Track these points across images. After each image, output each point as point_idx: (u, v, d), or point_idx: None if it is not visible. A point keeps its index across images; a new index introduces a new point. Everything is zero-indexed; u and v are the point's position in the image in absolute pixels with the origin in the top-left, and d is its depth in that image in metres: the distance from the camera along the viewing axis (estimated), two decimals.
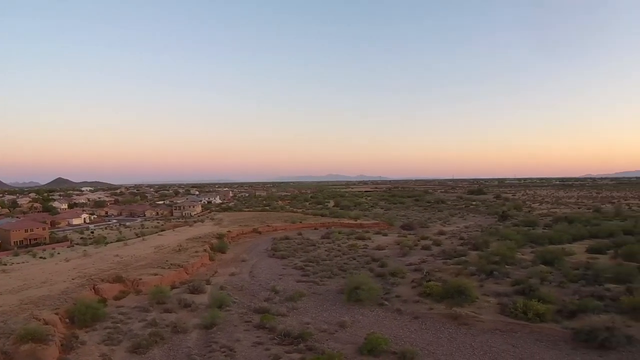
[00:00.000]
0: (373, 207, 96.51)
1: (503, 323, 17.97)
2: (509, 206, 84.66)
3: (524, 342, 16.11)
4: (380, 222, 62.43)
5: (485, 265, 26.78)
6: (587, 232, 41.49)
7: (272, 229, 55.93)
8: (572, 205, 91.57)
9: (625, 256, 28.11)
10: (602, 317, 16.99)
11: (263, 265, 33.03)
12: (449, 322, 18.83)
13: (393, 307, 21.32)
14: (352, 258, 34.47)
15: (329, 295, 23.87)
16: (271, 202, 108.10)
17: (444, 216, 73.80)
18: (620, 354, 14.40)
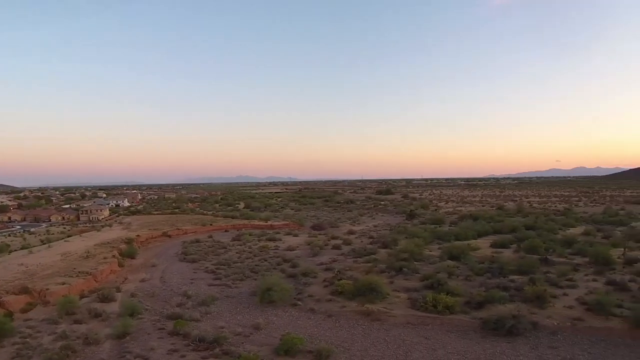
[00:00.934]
0: (283, 208, 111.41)
1: (414, 317, 21.96)
2: (417, 205, 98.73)
3: (435, 333, 20.02)
4: (290, 222, 72.87)
5: (395, 262, 31.87)
6: (491, 228, 50.63)
7: (182, 232, 63.76)
8: (476, 203, 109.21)
9: (527, 249, 36.17)
10: (508, 307, 22.14)
11: (174, 270, 37.07)
12: (362, 318, 22.34)
13: (306, 306, 24.60)
14: (264, 259, 39.70)
15: (242, 298, 27.18)
16: (181, 205, 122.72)
17: (354, 216, 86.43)
18: (527, 339, 18.99)
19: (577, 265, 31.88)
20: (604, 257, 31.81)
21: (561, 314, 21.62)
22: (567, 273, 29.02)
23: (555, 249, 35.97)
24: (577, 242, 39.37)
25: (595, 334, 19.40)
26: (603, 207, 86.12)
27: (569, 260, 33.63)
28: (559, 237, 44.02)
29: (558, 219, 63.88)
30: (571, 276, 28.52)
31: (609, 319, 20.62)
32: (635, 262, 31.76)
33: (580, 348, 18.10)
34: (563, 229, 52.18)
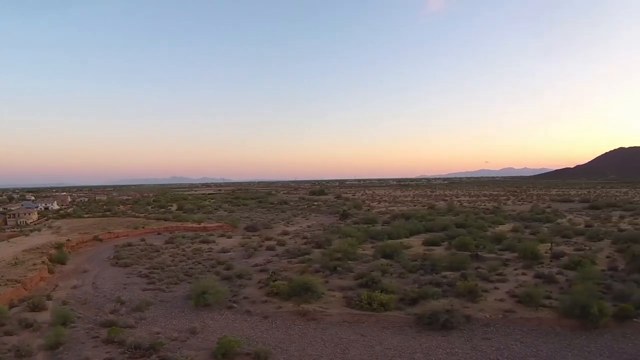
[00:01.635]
0: (217, 210, 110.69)
1: (350, 315, 22.22)
2: (350, 205, 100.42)
3: (371, 330, 20.33)
4: (224, 224, 72.59)
5: (329, 262, 32.19)
6: (422, 227, 52.09)
7: (114, 236, 62.09)
8: (408, 203, 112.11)
9: (458, 246, 37.55)
10: (442, 302, 22.78)
11: (106, 275, 35.83)
12: (299, 318, 22.39)
13: (242, 308, 24.42)
14: (198, 262, 39.13)
15: (177, 302, 26.49)
16: (112, 207, 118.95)
17: (287, 217, 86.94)
18: (461, 332, 19.70)
19: (507, 260, 33.45)
20: (532, 252, 33.62)
21: (493, 306, 22.57)
22: (497, 268, 30.38)
23: (485, 246, 37.49)
24: (506, 239, 41.32)
25: (527, 325, 20.37)
26: (530, 206, 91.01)
27: (498, 256, 35.26)
28: (489, 234, 46.02)
29: (487, 217, 66.91)
30: (501, 271, 29.90)
31: (538, 309, 21.78)
32: (562, 256, 33.78)
33: (513, 338, 18.97)
34: (492, 227, 54.80)
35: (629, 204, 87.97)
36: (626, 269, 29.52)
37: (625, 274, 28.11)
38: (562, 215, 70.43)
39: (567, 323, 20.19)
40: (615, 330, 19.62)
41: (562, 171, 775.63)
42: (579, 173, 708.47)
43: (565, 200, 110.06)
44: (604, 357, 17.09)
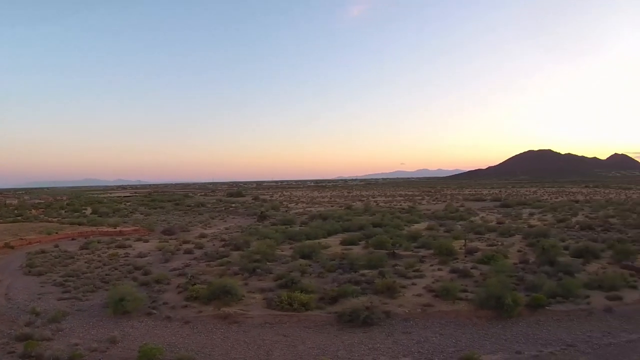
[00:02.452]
0: (133, 213, 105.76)
1: (272, 316, 22.25)
2: (267, 207, 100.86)
3: (293, 331, 20.47)
4: (140, 228, 69.90)
5: (248, 263, 32.04)
6: (340, 227, 53.05)
7: (26, 243, 56.88)
8: (325, 204, 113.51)
9: (375, 245, 38.55)
10: (361, 299, 23.15)
11: (19, 285, 33.09)
12: (220, 322, 22.09)
13: (162, 315, 23.61)
14: (115, 268, 37.09)
15: (95, 311, 24.96)
16: (24, 212, 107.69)
17: (205, 219, 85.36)
18: (382, 328, 20.26)
19: (423, 257, 34.61)
20: (447, 248, 35.02)
21: (411, 302, 23.34)
22: (414, 265, 31.37)
23: (401, 244, 38.52)
24: (421, 237, 42.79)
25: (445, 317, 21.24)
26: (444, 205, 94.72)
27: (415, 253, 36.44)
28: (405, 232, 47.37)
29: (403, 216, 69.10)
30: (418, 267, 30.92)
31: (455, 303, 22.74)
32: (475, 251, 35.50)
33: (432, 331, 19.72)
34: (408, 225, 56.44)
35: (538, 202, 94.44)
36: (536, 261, 31.47)
37: (535, 267, 29.98)
38: (475, 213, 74.01)
39: (484, 314, 21.22)
40: (529, 318, 20.92)
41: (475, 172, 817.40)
42: (490, 174, 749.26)
43: (478, 200, 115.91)
44: (520, 343, 18.15)
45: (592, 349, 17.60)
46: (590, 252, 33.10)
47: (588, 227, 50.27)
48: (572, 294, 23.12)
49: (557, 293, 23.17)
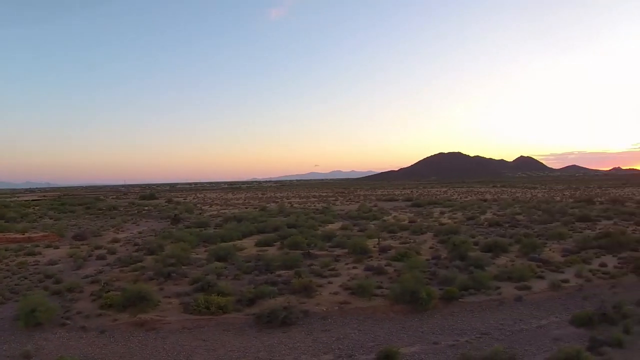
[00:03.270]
0: (42, 218, 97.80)
1: (189, 321, 21.78)
2: (181, 209, 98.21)
3: (212, 334, 20.16)
4: (50, 233, 65.25)
5: (163, 268, 31.13)
6: (255, 228, 52.88)
7: None
8: (240, 205, 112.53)
9: (291, 246, 38.85)
10: (279, 300, 23.33)
11: None
12: (137, 329, 21.27)
13: (76, 325, 22.28)
14: (24, 277, 34.20)
15: (5, 324, 22.96)
16: None
17: (117, 223, 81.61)
18: (301, 327, 20.39)
19: (338, 256, 35.04)
20: (361, 247, 35.75)
21: (328, 300, 23.65)
22: (329, 264, 31.79)
23: (316, 244, 39.08)
24: (336, 236, 43.41)
25: (362, 314, 21.68)
26: (358, 205, 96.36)
27: (330, 253, 36.82)
28: (319, 232, 47.92)
29: (318, 216, 69.63)
30: (333, 266, 31.33)
31: (371, 299, 23.29)
32: (389, 249, 36.37)
33: (351, 327, 20.07)
34: (323, 226, 57.05)
35: (448, 202, 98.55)
36: (448, 257, 32.82)
37: (447, 262, 31.29)
38: (388, 213, 75.84)
39: (400, 308, 21.87)
40: (443, 311, 21.85)
41: (387, 173, 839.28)
42: (402, 175, 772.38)
43: (390, 200, 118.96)
44: (437, 334, 18.89)
45: (505, 336, 18.66)
46: (499, 247, 35.02)
47: (496, 224, 52.96)
48: (484, 286, 24.46)
49: (469, 286, 24.40)
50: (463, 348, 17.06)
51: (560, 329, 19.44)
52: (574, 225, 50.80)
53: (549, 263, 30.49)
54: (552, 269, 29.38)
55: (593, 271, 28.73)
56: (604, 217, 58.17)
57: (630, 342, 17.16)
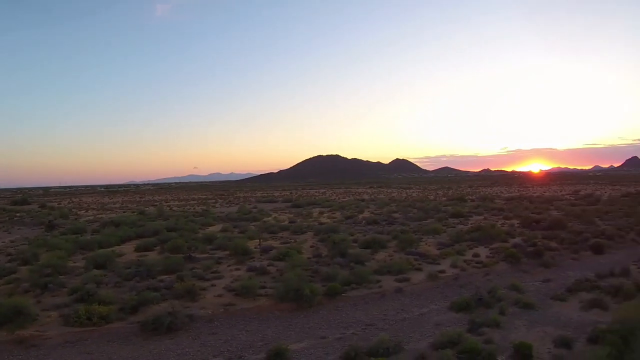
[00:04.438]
0: None
1: (72, 334, 20.15)
2: (56, 215, 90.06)
3: (97, 347, 18.85)
4: None
5: (39, 279, 28.43)
6: (134, 233, 50.51)
7: None
8: (117, 210, 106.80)
9: (171, 249, 37.55)
10: (163, 305, 22.28)
11: None
12: (17, 347, 19.23)
13: None
14: None
15: None
16: None
17: None
18: (188, 332, 19.70)
19: (220, 259, 34.36)
20: (243, 248, 35.31)
21: (213, 302, 23.14)
22: (211, 266, 31.15)
23: (197, 247, 38.14)
24: (217, 238, 42.62)
25: (248, 314, 21.43)
26: (238, 207, 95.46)
27: (211, 255, 36.03)
28: (200, 235, 46.72)
29: (198, 219, 68.01)
30: (216, 269, 30.73)
31: (256, 299, 23.15)
32: (270, 249, 36.30)
33: (238, 329, 19.70)
34: (203, 228, 56.00)
35: (327, 202, 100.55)
36: (329, 254, 33.38)
37: (328, 259, 31.85)
38: (268, 214, 75.87)
39: (285, 307, 21.89)
40: (328, 306, 22.22)
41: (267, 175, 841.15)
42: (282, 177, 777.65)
43: (270, 201, 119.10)
44: (324, 329, 19.12)
45: (389, 325, 19.31)
46: (377, 243, 36.30)
47: (374, 222, 54.76)
48: (365, 280, 25.30)
49: (351, 281, 25.08)
50: (350, 340, 17.42)
51: (441, 315, 20.53)
52: (447, 221, 54.61)
53: (425, 256, 32.18)
54: (429, 261, 31.14)
55: (467, 261, 30.98)
56: (475, 213, 63.81)
57: (506, 322, 18.77)
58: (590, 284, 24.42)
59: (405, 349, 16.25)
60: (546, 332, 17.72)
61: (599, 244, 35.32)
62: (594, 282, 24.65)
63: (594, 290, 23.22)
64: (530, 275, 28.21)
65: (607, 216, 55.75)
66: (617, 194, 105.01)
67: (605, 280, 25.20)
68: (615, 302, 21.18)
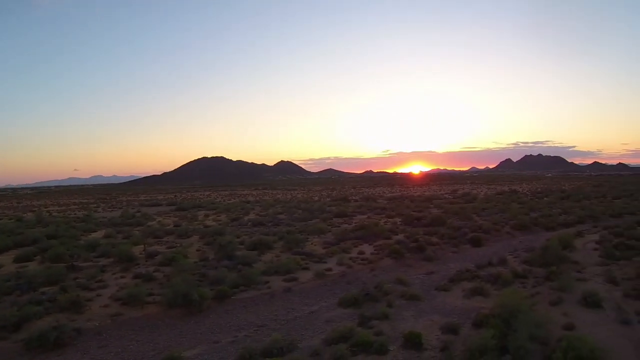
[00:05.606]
0: None
1: None
2: None
3: None
4: None
5: None
6: (11, 242, 46.02)
7: None
8: None
9: (53, 259, 34.99)
10: (47, 320, 20.83)
11: None
12: None
13: None
14: None
15: None
16: None
17: None
18: (76, 347, 18.48)
19: (104, 267, 32.49)
20: (127, 255, 33.75)
21: (100, 314, 21.86)
22: (96, 275, 29.39)
23: (80, 255, 35.64)
24: (100, 245, 40.07)
25: (137, 323, 20.48)
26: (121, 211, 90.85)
27: (95, 263, 33.94)
28: (83, 242, 43.75)
29: (79, 225, 63.74)
30: (100, 277, 29.04)
31: (144, 307, 22.22)
32: (156, 255, 35.01)
33: (128, 339, 18.76)
34: (85, 235, 52.41)
35: (212, 204, 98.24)
36: (216, 258, 32.81)
37: (216, 262, 31.27)
38: (152, 218, 72.94)
39: (175, 313, 21.29)
40: (218, 310, 21.85)
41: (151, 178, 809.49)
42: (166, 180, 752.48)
43: (154, 205, 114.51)
44: (215, 333, 18.80)
45: (281, 325, 19.42)
46: (264, 245, 36.21)
47: (260, 224, 54.33)
48: (254, 282, 25.31)
49: (239, 283, 24.99)
50: (243, 342, 17.30)
51: (331, 311, 20.99)
52: (332, 220, 55.67)
53: (312, 255, 32.67)
54: (316, 260, 31.67)
55: (353, 259, 31.88)
56: (359, 213, 65.34)
57: (394, 314, 19.70)
58: (471, 274, 26.46)
59: (299, 347, 16.46)
60: (433, 321, 18.80)
61: (477, 238, 38.25)
62: (474, 272, 26.75)
63: (474, 280, 25.18)
64: (414, 269, 29.61)
65: (483, 212, 59.49)
66: (492, 192, 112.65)
67: (484, 270, 27.38)
68: (495, 289, 23.03)
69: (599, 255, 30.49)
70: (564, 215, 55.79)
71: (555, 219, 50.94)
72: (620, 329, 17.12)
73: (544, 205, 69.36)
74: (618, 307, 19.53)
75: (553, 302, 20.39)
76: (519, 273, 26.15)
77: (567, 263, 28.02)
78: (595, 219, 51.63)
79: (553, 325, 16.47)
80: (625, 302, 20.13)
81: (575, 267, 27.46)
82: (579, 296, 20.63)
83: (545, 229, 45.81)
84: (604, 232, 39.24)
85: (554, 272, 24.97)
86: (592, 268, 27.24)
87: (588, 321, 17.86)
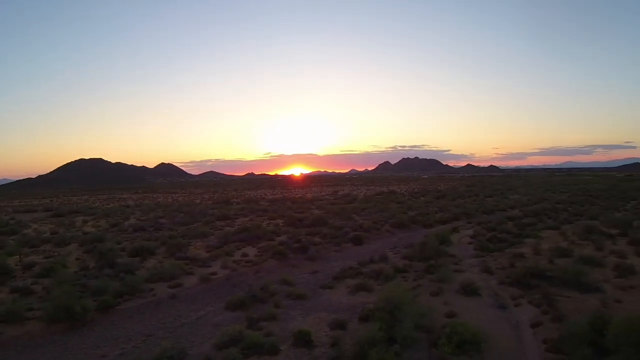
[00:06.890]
0: None
1: None
2: None
3: None
4: None
5: None
6: None
7: None
8: None
9: None
10: None
11: None
12: None
13: None
14: None
15: None
16: None
17: None
18: None
19: None
20: (2, 266, 30.54)
21: None
22: None
23: None
24: None
25: (18, 343, 18.68)
26: None
27: None
28: None
29: None
30: None
31: (24, 324, 20.31)
32: (33, 266, 32.17)
33: None
34: None
35: (90, 209, 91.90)
36: (97, 266, 30.94)
37: (97, 271, 29.46)
38: (27, 225, 66.99)
39: (58, 328, 19.72)
40: (103, 322, 20.58)
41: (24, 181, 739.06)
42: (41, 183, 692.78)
43: (29, 211, 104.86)
44: (102, 347, 17.65)
45: (169, 333, 18.71)
46: (146, 250, 34.70)
47: (141, 229, 51.85)
48: (138, 290, 24.20)
49: (123, 292, 23.77)
50: (132, 354, 16.52)
51: (218, 316, 20.64)
52: (214, 224, 54.08)
53: (195, 259, 31.95)
54: (200, 264, 31.02)
55: (237, 261, 31.64)
56: (241, 215, 64.15)
57: (282, 314, 19.93)
58: (354, 271, 27.27)
59: (190, 353, 16.07)
60: (321, 318, 19.20)
61: (358, 236, 39.41)
62: (357, 270, 27.55)
63: (358, 277, 26.05)
64: (298, 269, 29.86)
65: (363, 212, 61.13)
66: (371, 193, 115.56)
67: (367, 266, 28.33)
68: (378, 284, 24.00)
69: (474, 249, 33.08)
70: (440, 213, 59.02)
71: (432, 217, 53.92)
72: (498, 313, 18.84)
73: (421, 204, 72.89)
74: (494, 294, 21.48)
75: (434, 293, 21.77)
76: (400, 268, 27.44)
77: (445, 257, 29.92)
78: (469, 216, 55.38)
79: (436, 314, 17.77)
80: (501, 289, 22.17)
81: (453, 260, 29.45)
82: (458, 286, 22.28)
83: (423, 226, 48.23)
84: (477, 228, 42.61)
85: (433, 266, 26.65)
86: (468, 260, 29.47)
87: (468, 308, 19.41)
